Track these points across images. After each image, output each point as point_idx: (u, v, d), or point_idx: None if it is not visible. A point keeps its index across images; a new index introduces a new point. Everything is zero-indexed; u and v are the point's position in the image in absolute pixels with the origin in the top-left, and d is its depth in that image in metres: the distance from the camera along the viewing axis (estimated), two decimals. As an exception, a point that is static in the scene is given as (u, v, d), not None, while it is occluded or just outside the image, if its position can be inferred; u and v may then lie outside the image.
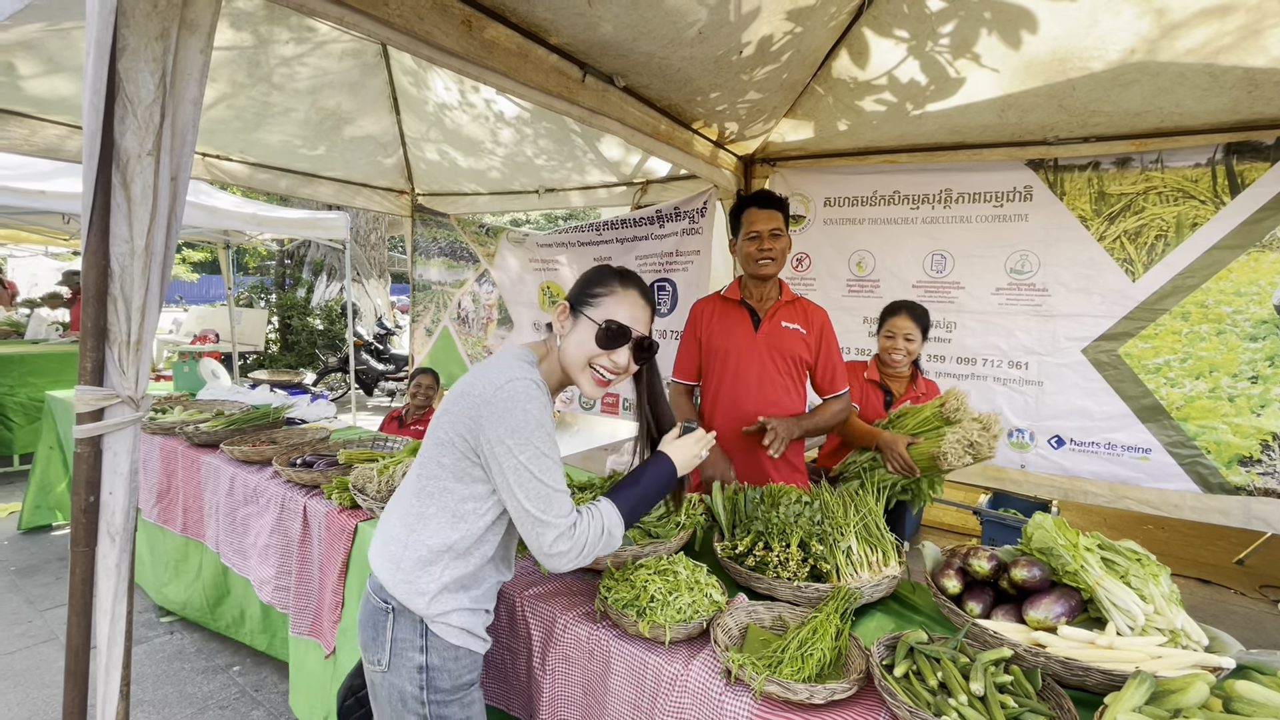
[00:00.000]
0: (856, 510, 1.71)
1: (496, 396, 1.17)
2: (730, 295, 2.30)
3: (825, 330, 2.24)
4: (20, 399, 5.48)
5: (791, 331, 2.20)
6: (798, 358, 2.20)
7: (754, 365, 2.19)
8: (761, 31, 2.29)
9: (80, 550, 1.25)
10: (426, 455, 1.29)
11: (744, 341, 2.21)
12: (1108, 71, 2.40)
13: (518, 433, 1.16)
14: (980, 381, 3.29)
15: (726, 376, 2.22)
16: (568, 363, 1.32)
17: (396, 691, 1.25)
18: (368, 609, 1.30)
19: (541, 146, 3.95)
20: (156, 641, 2.99)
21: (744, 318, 2.24)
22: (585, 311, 1.31)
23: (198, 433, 2.84)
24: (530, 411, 1.18)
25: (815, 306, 2.28)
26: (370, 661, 1.29)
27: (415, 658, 1.24)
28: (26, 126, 3.05)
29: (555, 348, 1.34)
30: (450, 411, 1.25)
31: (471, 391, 1.21)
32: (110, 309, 1.22)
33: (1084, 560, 1.38)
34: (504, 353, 1.33)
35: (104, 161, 1.17)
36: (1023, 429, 3.17)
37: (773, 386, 2.18)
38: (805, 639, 1.27)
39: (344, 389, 8.97)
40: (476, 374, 1.25)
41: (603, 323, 1.28)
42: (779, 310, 2.22)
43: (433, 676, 1.24)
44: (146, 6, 1.17)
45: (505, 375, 1.20)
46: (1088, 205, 2.97)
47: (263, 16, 2.79)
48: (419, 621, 1.24)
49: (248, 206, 6.07)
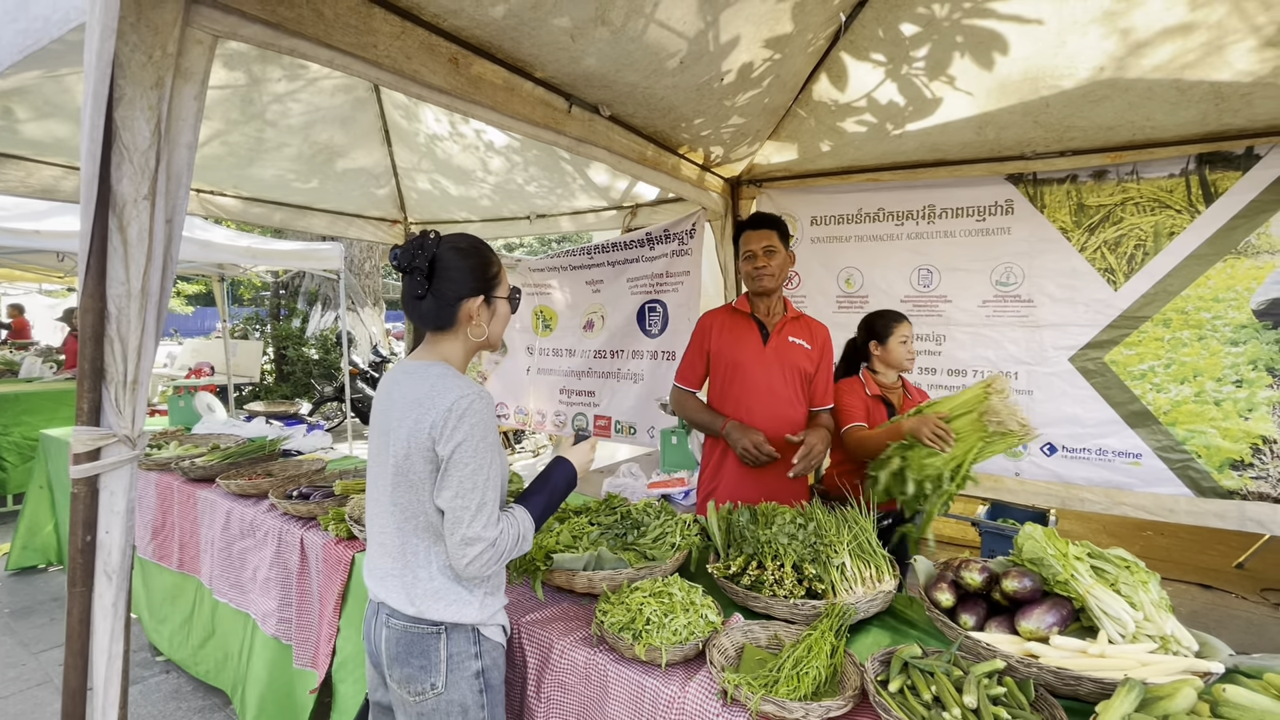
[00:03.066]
0: (849, 528, 1.73)
1: (452, 410, 1.24)
2: (740, 308, 2.37)
3: (826, 346, 2.36)
4: (14, 438, 5.46)
5: (797, 346, 2.29)
6: (802, 371, 2.28)
7: (763, 377, 2.26)
8: (741, 59, 2.36)
9: (78, 591, 1.26)
10: (395, 482, 1.30)
11: (754, 354, 2.28)
12: (1079, 89, 2.47)
13: (467, 445, 1.23)
14: None
15: (736, 387, 2.29)
16: (493, 341, 1.43)
17: (457, 706, 1.28)
18: (406, 641, 1.29)
19: (531, 174, 4.01)
20: (152, 681, 2.95)
21: (753, 330, 2.31)
22: (494, 294, 1.40)
23: (193, 467, 2.84)
24: (481, 424, 1.25)
25: (818, 323, 2.39)
26: (415, 694, 1.28)
27: (472, 665, 1.30)
28: (23, 169, 3.10)
29: (466, 344, 1.39)
30: (405, 426, 1.28)
31: (426, 409, 1.26)
32: (107, 350, 1.24)
33: (1074, 569, 1.39)
34: (432, 370, 1.33)
35: (101, 206, 1.20)
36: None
37: (780, 399, 2.26)
38: (800, 657, 1.28)
39: (340, 418, 8.95)
40: (423, 389, 1.29)
41: (510, 294, 1.44)
42: (786, 325, 2.31)
43: (487, 678, 1.33)
44: (142, 58, 1.22)
45: (453, 392, 1.26)
46: (1068, 217, 3.04)
47: (255, 56, 2.85)
48: (472, 630, 1.31)
49: (242, 240, 6.12)
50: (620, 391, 4.23)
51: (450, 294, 1.33)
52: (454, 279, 1.33)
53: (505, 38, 1.94)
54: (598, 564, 1.66)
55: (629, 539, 1.83)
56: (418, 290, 1.32)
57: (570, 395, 4.54)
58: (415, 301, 1.34)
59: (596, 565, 1.66)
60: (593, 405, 4.39)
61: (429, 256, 1.31)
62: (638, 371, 4.14)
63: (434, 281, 1.32)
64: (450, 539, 1.25)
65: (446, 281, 1.32)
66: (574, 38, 1.98)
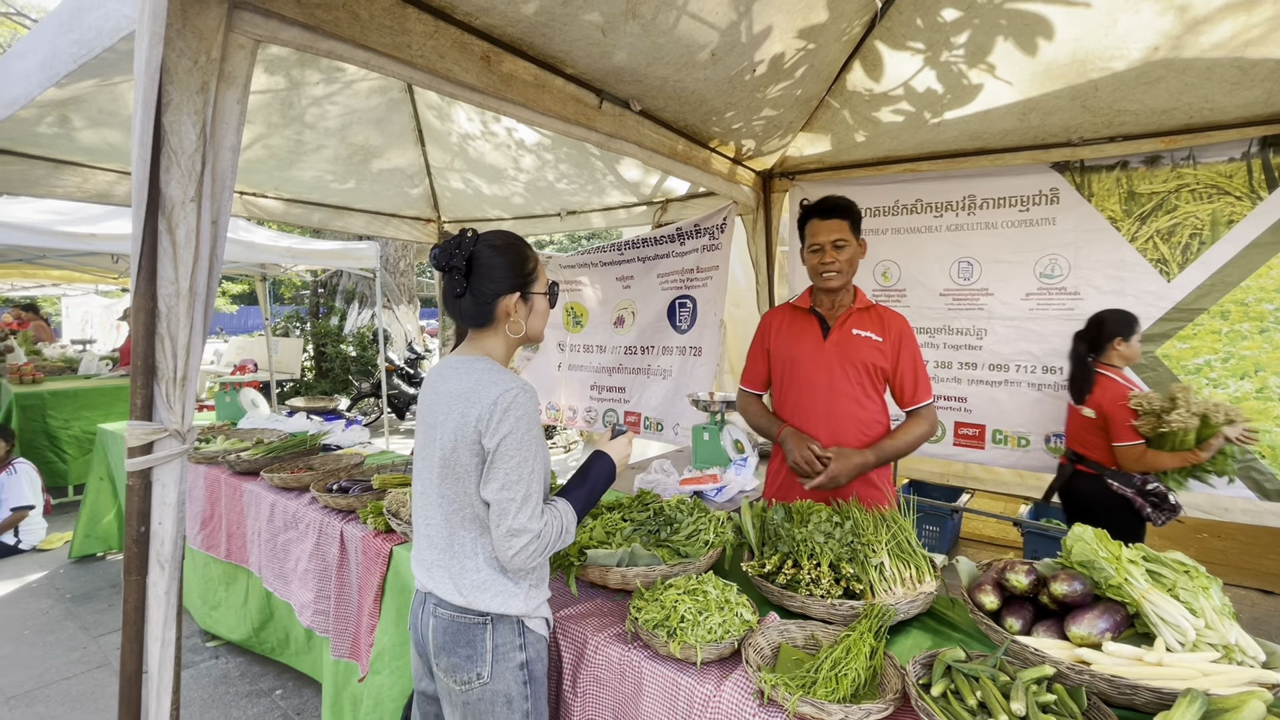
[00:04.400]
0: (888, 527, 1.69)
1: (497, 405, 1.26)
2: (800, 304, 2.24)
3: (904, 337, 2.11)
4: (74, 432, 5.73)
5: (864, 339, 2.09)
6: (871, 366, 2.08)
7: (822, 374, 2.10)
8: (773, 50, 2.32)
9: (133, 579, 1.31)
10: (442, 474, 1.32)
11: (811, 350, 2.13)
12: (1131, 70, 2.36)
13: (511, 439, 1.25)
14: (1014, 388, 3.22)
15: (794, 385, 2.16)
16: (533, 336, 1.45)
17: (502, 696, 1.30)
18: (453, 631, 1.31)
19: (562, 171, 4.03)
20: (202, 666, 3.07)
21: (812, 326, 2.16)
22: (532, 290, 1.41)
23: (239, 461, 2.94)
24: (525, 418, 1.27)
25: (893, 313, 2.16)
26: (462, 683, 1.30)
27: (516, 656, 1.32)
28: (79, 174, 3.24)
29: (506, 340, 1.41)
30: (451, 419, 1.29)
31: (471, 403, 1.28)
32: (158, 347, 1.29)
33: (1127, 573, 1.34)
34: (476, 365, 1.35)
35: (151, 209, 1.24)
36: (1059, 434, 3.09)
37: (842, 396, 2.09)
38: (839, 658, 1.26)
39: (377, 413, 9.15)
40: (468, 383, 1.31)
41: (548, 289, 1.46)
42: (850, 317, 2.12)
43: (531, 669, 1.34)
44: (188, 63, 1.25)
45: (497, 387, 1.28)
46: (1117, 206, 2.91)
47: (295, 60, 2.92)
48: (516, 622, 1.32)
49: (283, 240, 6.30)
50: (650, 388, 4.22)
51: (488, 291, 1.35)
52: (491, 276, 1.35)
53: (536, 34, 1.94)
54: (631, 560, 1.66)
55: (662, 535, 1.82)
56: (456, 289, 1.35)
57: (601, 391, 4.55)
58: (455, 300, 1.37)
59: (630, 562, 1.66)
60: (623, 401, 4.40)
61: (466, 255, 1.34)
62: (666, 368, 4.12)
63: (472, 280, 1.34)
64: (496, 531, 1.26)
65: (484, 279, 1.34)
66: (605, 32, 1.97)
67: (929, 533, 4.04)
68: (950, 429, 3.39)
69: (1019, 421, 3.21)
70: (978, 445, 3.32)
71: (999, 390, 3.24)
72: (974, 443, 3.33)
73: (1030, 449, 3.18)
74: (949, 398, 3.37)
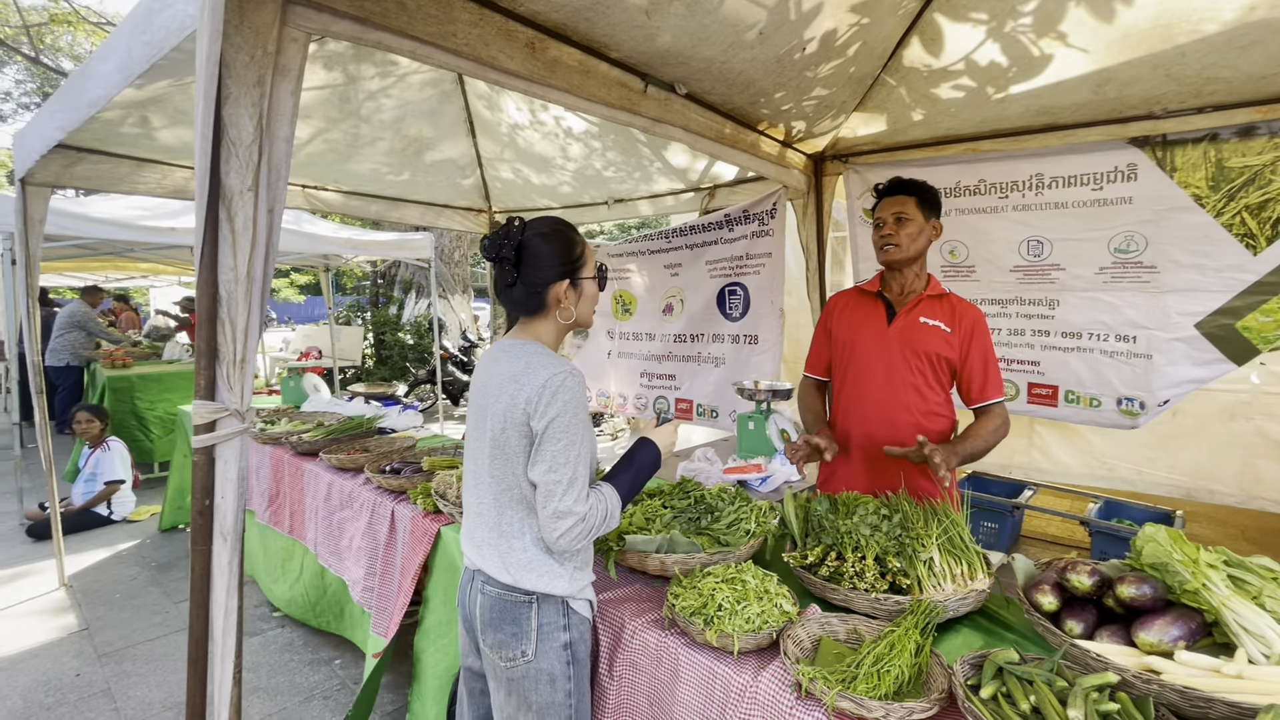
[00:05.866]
0: (939, 521, 1.62)
1: (545, 388, 1.28)
2: (869, 288, 2.17)
3: (976, 330, 2.00)
4: (159, 413, 6.16)
5: (931, 328, 2.00)
6: (936, 356, 1.99)
7: (881, 360, 2.03)
8: (825, 27, 2.23)
9: (199, 549, 1.39)
10: (493, 455, 1.35)
11: (874, 335, 2.06)
12: (1223, 34, 2.15)
13: (559, 423, 1.27)
14: (1087, 354, 3.13)
15: (851, 371, 2.10)
16: (582, 320, 1.47)
17: (545, 675, 1.33)
18: (500, 608, 1.34)
19: (609, 159, 4.02)
20: (270, 634, 3.26)
21: (878, 310, 2.09)
22: (580, 276, 1.43)
23: (301, 442, 3.09)
24: (573, 401, 1.29)
25: (967, 304, 2.05)
26: (507, 659, 1.33)
27: (560, 636, 1.34)
28: (159, 172, 3.45)
29: (556, 326, 1.43)
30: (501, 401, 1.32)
31: (520, 385, 1.30)
32: (219, 331, 1.35)
33: (1206, 577, 1.24)
34: (526, 349, 1.38)
35: (212, 199, 1.30)
36: (1132, 398, 2.96)
37: (902, 385, 2.01)
38: (882, 654, 1.22)
39: (433, 399, 9.46)
40: (518, 366, 1.33)
41: (595, 273, 1.48)
42: (919, 304, 2.03)
43: (574, 650, 1.36)
44: (245, 58, 1.30)
45: (545, 370, 1.30)
46: (1203, 181, 2.68)
47: (351, 56, 3.02)
48: (561, 602, 1.35)
49: (343, 232, 6.56)
50: (701, 375, 4.20)
51: (537, 280, 1.38)
52: (539, 265, 1.37)
53: (580, 19, 1.93)
54: (670, 547, 1.65)
55: (702, 524, 1.81)
56: (508, 279, 1.38)
57: (651, 379, 4.55)
58: (507, 290, 1.40)
59: (669, 548, 1.65)
60: (673, 389, 4.39)
61: (515, 244, 1.37)
62: (719, 355, 4.09)
63: (521, 269, 1.37)
64: (542, 512, 1.29)
65: (532, 268, 1.37)
66: (649, 14, 1.94)
67: (987, 529, 3.86)
68: (1024, 389, 3.33)
69: (1092, 384, 3.12)
70: (1050, 403, 3.27)
71: (1071, 356, 3.16)
72: (1047, 401, 3.28)
73: (1102, 409, 3.09)
74: (1022, 361, 3.32)
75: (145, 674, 2.94)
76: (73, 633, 3.31)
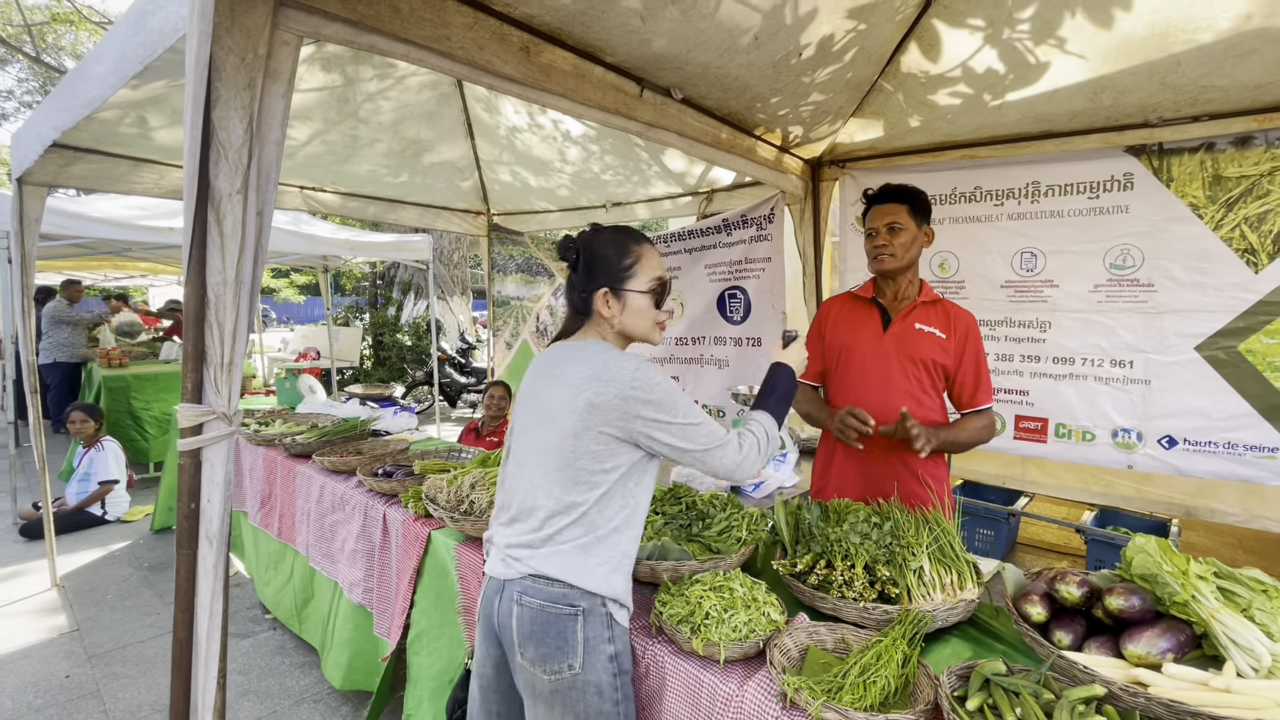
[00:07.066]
0: (930, 530, 1.61)
1: (635, 383, 1.30)
2: (862, 293, 2.18)
3: (969, 337, 2.04)
4: (155, 413, 6.15)
5: (926, 334, 2.02)
6: (931, 362, 2.01)
7: (877, 366, 2.04)
8: (821, 32, 2.23)
9: (184, 553, 1.39)
10: (574, 451, 1.32)
11: (870, 341, 2.07)
12: (1219, 43, 2.15)
13: (664, 406, 1.32)
14: (1080, 381, 3.04)
15: (848, 377, 2.10)
16: (633, 332, 1.45)
17: (593, 687, 1.30)
18: (543, 621, 1.29)
19: (607, 163, 4.02)
20: (261, 636, 3.25)
21: (873, 316, 2.10)
22: (624, 288, 1.40)
23: (294, 444, 3.08)
24: (663, 384, 1.33)
25: (961, 310, 2.08)
26: (552, 672, 1.28)
27: (606, 649, 1.32)
28: (156, 172, 3.45)
29: (609, 332, 1.44)
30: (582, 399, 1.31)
31: (606, 382, 1.31)
32: (207, 334, 1.35)
33: (1195, 589, 1.23)
34: (595, 348, 1.39)
35: (201, 201, 1.30)
36: (1129, 429, 2.90)
37: (897, 391, 2.02)
38: (868, 664, 1.21)
39: (431, 401, 9.45)
40: (592, 367, 1.34)
41: (650, 287, 1.42)
42: (914, 311, 2.05)
43: (620, 662, 1.34)
44: (235, 60, 1.30)
45: (628, 364, 1.33)
46: (1200, 191, 2.67)
47: (349, 58, 3.02)
48: (605, 615, 1.33)
49: (342, 233, 6.56)
50: (705, 377, 4.20)
51: (585, 285, 1.42)
52: (589, 271, 1.42)
53: (575, 23, 1.93)
54: (661, 554, 1.65)
55: (693, 530, 1.80)
56: (570, 280, 1.45)
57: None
58: (569, 290, 1.47)
59: (660, 555, 1.64)
60: (677, 391, 4.40)
61: (577, 249, 1.42)
62: (722, 357, 4.10)
63: (577, 272, 1.43)
64: (706, 465, 1.37)
65: (585, 273, 1.42)
66: (644, 19, 1.94)
67: (983, 537, 3.85)
68: (1010, 422, 3.23)
69: (1084, 415, 3.02)
70: (1039, 439, 3.16)
71: (1063, 384, 3.07)
72: (1036, 436, 3.17)
73: (1096, 443, 3.00)
74: (1010, 390, 3.22)
75: (135, 676, 2.93)
76: (63, 634, 3.29)
